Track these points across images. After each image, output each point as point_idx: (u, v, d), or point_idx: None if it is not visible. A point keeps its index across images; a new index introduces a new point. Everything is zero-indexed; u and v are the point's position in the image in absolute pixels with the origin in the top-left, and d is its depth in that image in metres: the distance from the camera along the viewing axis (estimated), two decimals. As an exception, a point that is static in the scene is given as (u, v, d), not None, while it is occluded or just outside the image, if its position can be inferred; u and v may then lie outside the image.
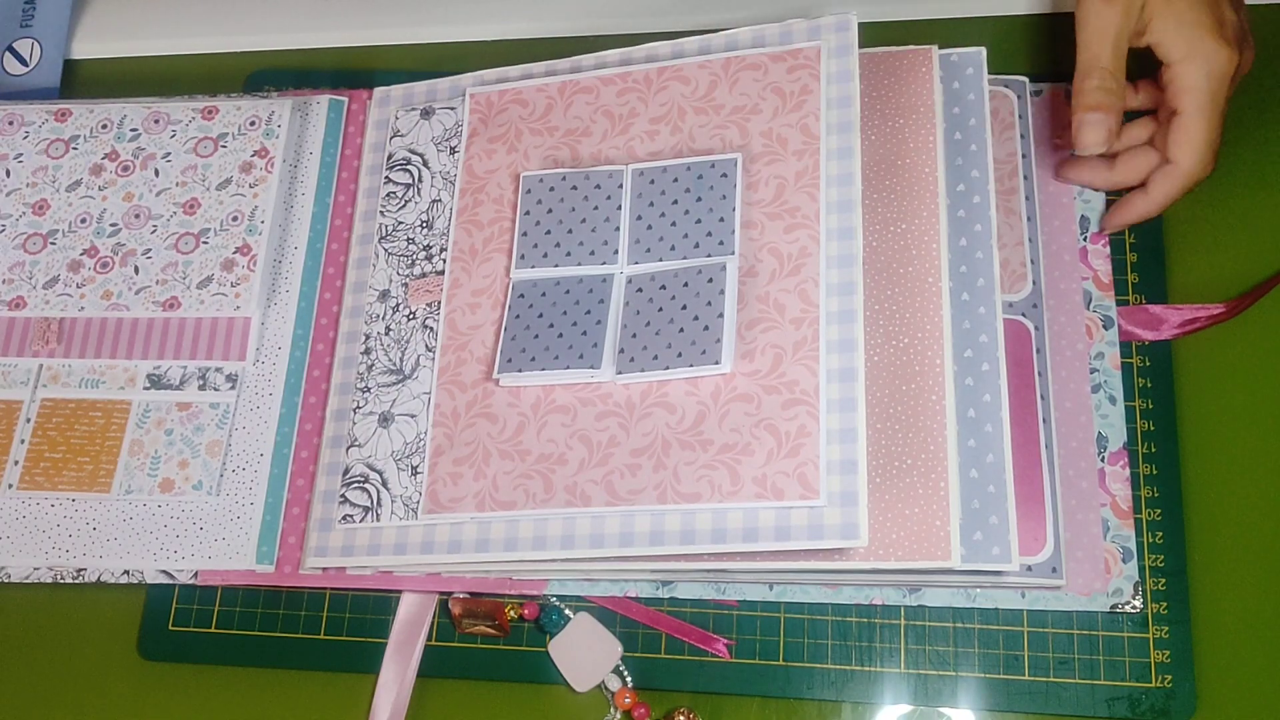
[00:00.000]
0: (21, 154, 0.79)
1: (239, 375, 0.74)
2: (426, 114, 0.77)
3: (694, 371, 0.64)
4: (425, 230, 0.74)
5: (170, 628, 0.72)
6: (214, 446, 0.72)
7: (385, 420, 0.70)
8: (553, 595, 0.69)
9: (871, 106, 0.70)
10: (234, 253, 0.75)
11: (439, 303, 0.72)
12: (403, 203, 0.75)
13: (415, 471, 0.69)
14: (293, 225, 0.77)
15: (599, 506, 0.64)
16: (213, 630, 0.72)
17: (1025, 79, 0.74)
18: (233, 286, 0.75)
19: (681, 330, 0.66)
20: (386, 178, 0.76)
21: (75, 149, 0.79)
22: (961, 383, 0.65)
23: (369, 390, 0.72)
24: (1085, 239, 0.72)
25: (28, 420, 0.74)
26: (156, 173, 0.78)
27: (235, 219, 0.76)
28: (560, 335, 0.68)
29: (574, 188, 0.71)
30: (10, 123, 0.80)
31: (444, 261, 0.73)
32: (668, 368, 0.65)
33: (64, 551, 0.71)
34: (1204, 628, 0.66)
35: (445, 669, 0.70)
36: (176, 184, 0.77)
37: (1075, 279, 0.71)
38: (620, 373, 0.66)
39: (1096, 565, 0.65)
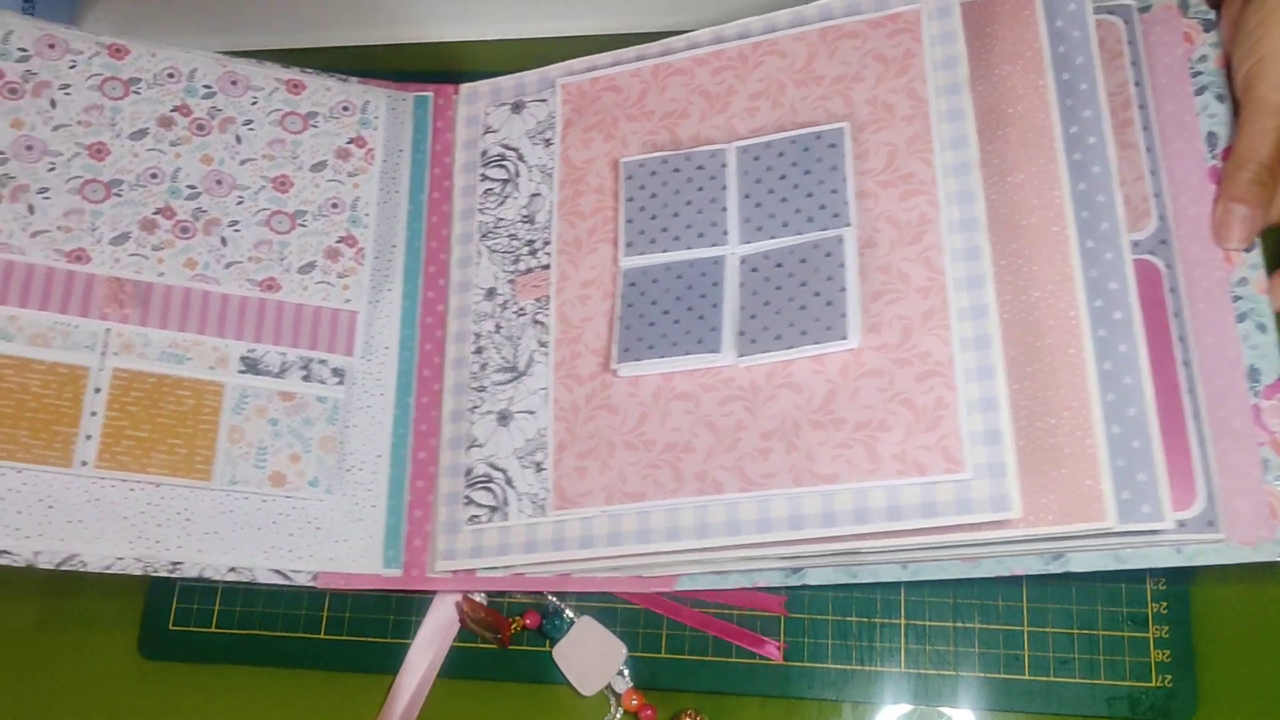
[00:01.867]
0: (69, 85, 0.70)
1: (346, 370, 0.71)
2: (517, 108, 0.74)
3: (820, 349, 0.62)
4: (527, 225, 0.71)
5: (170, 627, 0.70)
6: (327, 442, 0.69)
7: (504, 418, 0.68)
8: (555, 598, 0.67)
9: (975, 57, 0.66)
10: (337, 241, 0.72)
11: (548, 297, 0.69)
12: (501, 199, 0.73)
13: (539, 468, 0.66)
14: (391, 222, 0.74)
15: (732, 493, 0.62)
16: (213, 630, 0.70)
17: (1132, 2, 0.69)
18: (340, 278, 0.72)
19: (803, 308, 0.63)
20: (482, 175, 0.74)
21: (137, 93, 0.70)
22: (1095, 334, 0.61)
23: (484, 389, 0.69)
24: (1214, 156, 0.67)
25: (97, 390, 0.67)
26: (238, 139, 0.71)
27: (335, 206, 0.72)
28: (676, 321, 0.65)
29: (676, 170, 0.68)
30: (52, 46, 0.70)
31: (548, 255, 0.70)
32: (792, 347, 0.62)
33: (153, 542, 0.66)
34: (1204, 627, 0.63)
35: (446, 669, 0.68)
36: (263, 156, 0.72)
37: (1207, 201, 0.66)
38: (742, 355, 0.63)
39: (1260, 511, 0.61)
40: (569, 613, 0.68)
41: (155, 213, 0.69)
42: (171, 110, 0.71)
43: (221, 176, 0.71)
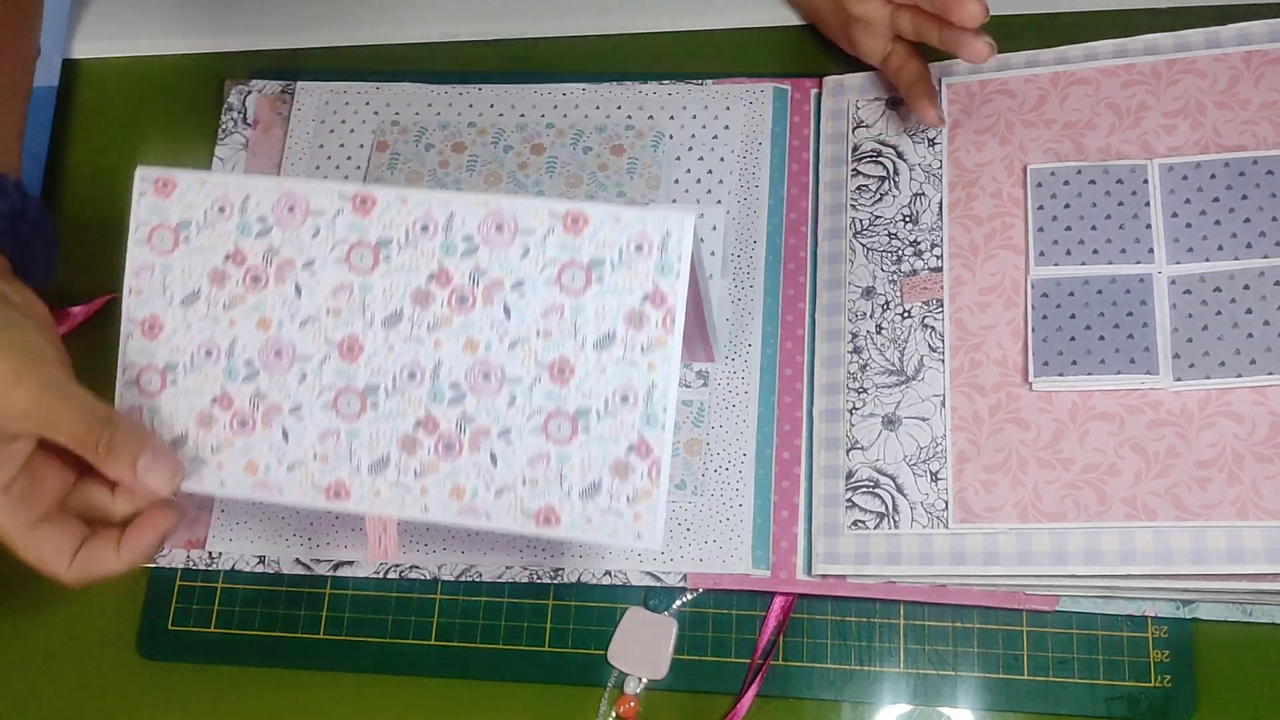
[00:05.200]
0: (313, 261, 0.53)
1: (710, 372, 0.67)
2: (893, 104, 0.70)
3: (1272, 380, 0.58)
4: (909, 225, 0.67)
5: (169, 627, 0.66)
6: (693, 445, 0.65)
7: (890, 423, 0.64)
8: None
9: None
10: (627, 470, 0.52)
11: (938, 301, 0.65)
12: (877, 196, 0.69)
13: (935, 478, 0.62)
14: (752, 218, 0.70)
15: (1166, 521, 0.58)
16: (212, 630, 0.66)
17: None
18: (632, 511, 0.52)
19: (1250, 335, 0.59)
20: (855, 170, 0.70)
21: (387, 260, 0.53)
22: None
23: (865, 391, 0.65)
24: None
25: None
26: (507, 311, 0.52)
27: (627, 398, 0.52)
28: (1102, 338, 0.61)
29: (1091, 182, 0.64)
30: (291, 209, 0.54)
31: (938, 258, 0.66)
32: (1240, 375, 0.58)
33: (539, 550, 0.65)
34: (1204, 627, 0.61)
35: (445, 669, 0.65)
36: (537, 333, 0.52)
37: None
38: (1179, 379, 0.59)
39: None
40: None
41: (416, 426, 0.53)
42: (428, 280, 0.53)
43: (489, 369, 0.52)
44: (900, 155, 0.69)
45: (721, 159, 0.70)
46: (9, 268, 0.57)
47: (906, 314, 0.65)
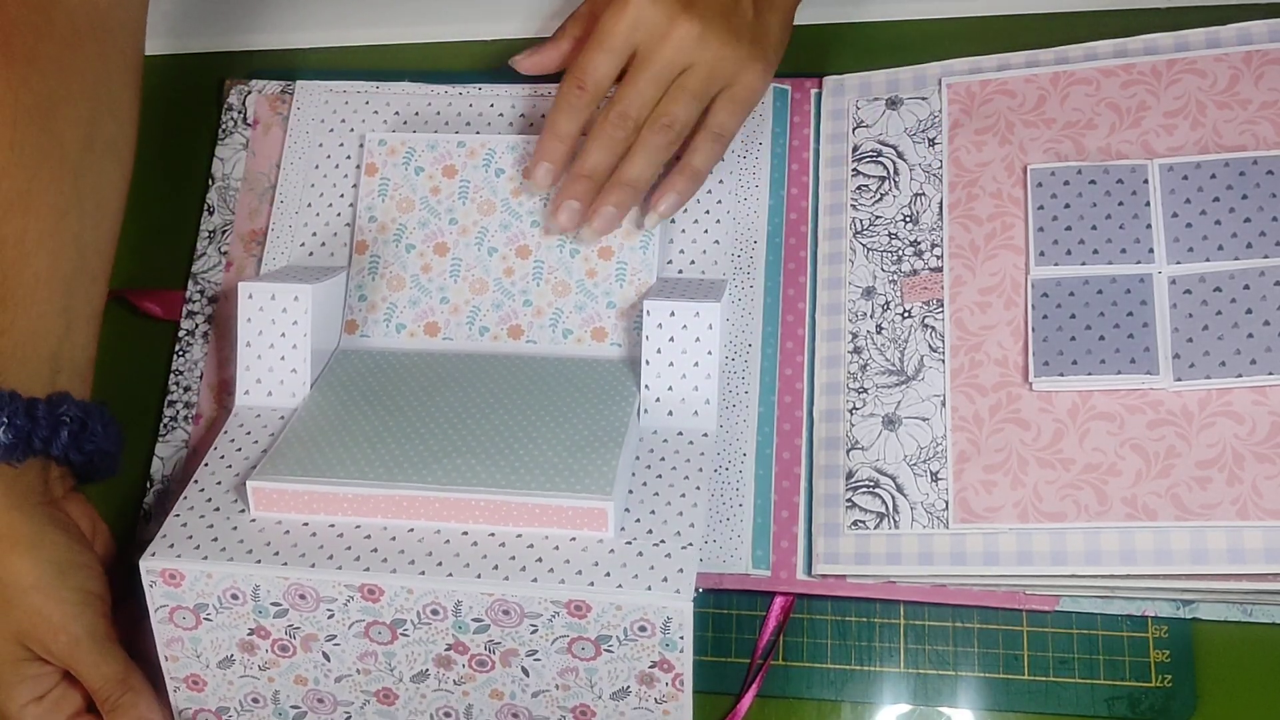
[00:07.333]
0: (335, 635, 0.59)
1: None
2: (893, 104, 0.70)
3: (1272, 380, 0.58)
4: (910, 225, 0.67)
5: None
6: (693, 446, 0.66)
7: (891, 423, 0.64)
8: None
9: None
10: None
11: (938, 301, 0.65)
12: (878, 196, 0.68)
13: (935, 478, 0.62)
14: (752, 218, 0.70)
15: (1166, 521, 0.58)
16: None
17: None
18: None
19: (1250, 335, 0.59)
20: (855, 170, 0.69)
21: (405, 635, 0.58)
22: None
23: (866, 391, 0.65)
24: None
25: None
26: (525, 671, 0.58)
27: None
28: (1102, 338, 0.61)
29: (1091, 182, 0.64)
30: (302, 597, 0.58)
31: (939, 258, 0.66)
32: (1240, 375, 0.58)
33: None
34: (1204, 627, 0.61)
35: None
36: (556, 686, 0.58)
37: None
38: (1179, 379, 0.59)
39: None
40: None
41: None
42: (446, 648, 0.58)
43: (517, 710, 0.60)
44: (900, 155, 0.69)
45: (721, 159, 0.70)
46: (73, 483, 0.63)
47: (907, 314, 0.65)
